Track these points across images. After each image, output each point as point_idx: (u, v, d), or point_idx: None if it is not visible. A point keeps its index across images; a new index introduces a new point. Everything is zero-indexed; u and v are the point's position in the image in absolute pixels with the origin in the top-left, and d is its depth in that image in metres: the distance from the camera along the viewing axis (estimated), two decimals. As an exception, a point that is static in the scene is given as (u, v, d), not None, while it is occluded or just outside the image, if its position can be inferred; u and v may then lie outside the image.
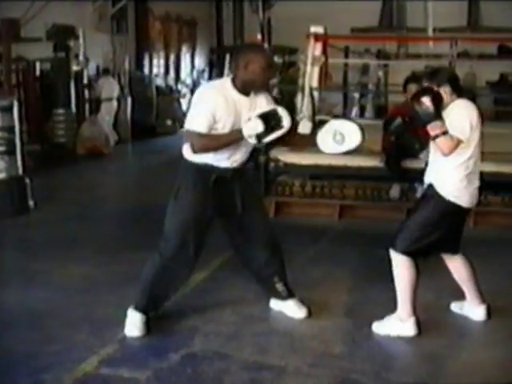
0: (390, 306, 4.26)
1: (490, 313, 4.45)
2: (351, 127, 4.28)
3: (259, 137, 3.94)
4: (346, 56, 14.54)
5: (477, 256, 4.55)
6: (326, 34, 8.79)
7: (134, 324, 4.21)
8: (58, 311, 4.59)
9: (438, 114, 4.00)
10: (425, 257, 4.21)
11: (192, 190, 4.16)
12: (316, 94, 8.63)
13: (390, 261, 4.24)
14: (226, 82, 4.17)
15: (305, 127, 7.96)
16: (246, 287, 5.00)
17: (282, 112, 3.96)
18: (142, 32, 17.07)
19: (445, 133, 3.97)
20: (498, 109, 13.58)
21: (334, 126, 4.22)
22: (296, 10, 16.87)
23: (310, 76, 8.47)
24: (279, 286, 4.53)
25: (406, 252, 4.14)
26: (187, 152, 4.17)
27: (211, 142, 4.04)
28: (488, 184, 4.85)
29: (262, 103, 4.13)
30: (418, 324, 4.15)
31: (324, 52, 8.78)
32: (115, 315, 4.40)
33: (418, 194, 7.24)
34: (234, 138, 4.04)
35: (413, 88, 7.01)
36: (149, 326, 4.21)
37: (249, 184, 4.44)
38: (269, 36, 18.23)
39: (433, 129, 4.00)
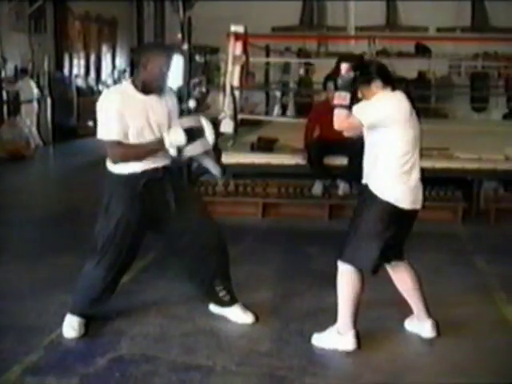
0: (315, 303, 4.31)
1: (438, 328, 4.13)
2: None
3: (180, 148, 3.91)
4: (267, 55, 14.65)
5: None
6: (246, 33, 8.83)
7: (71, 326, 4.15)
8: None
9: (352, 87, 3.83)
10: (374, 272, 3.95)
11: (122, 202, 4.04)
12: (237, 93, 8.67)
13: (313, 258, 4.29)
14: (126, 84, 4.10)
15: (227, 126, 7.99)
16: (170, 288, 5.00)
17: (207, 127, 3.91)
18: (62, 32, 16.77)
19: (344, 107, 3.81)
20: (417, 105, 13.84)
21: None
22: (217, 10, 16.85)
23: (231, 75, 8.50)
24: (221, 292, 4.40)
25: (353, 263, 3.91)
26: (111, 164, 4.05)
27: (130, 151, 3.95)
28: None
29: (168, 103, 4.07)
30: (358, 337, 3.97)
31: (245, 51, 8.82)
32: (39, 322, 4.33)
33: (341, 192, 7.42)
34: (153, 149, 3.96)
35: (332, 86, 7.14)
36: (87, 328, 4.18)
37: (181, 184, 4.27)
38: (189, 35, 18.14)
39: (337, 97, 3.85)
